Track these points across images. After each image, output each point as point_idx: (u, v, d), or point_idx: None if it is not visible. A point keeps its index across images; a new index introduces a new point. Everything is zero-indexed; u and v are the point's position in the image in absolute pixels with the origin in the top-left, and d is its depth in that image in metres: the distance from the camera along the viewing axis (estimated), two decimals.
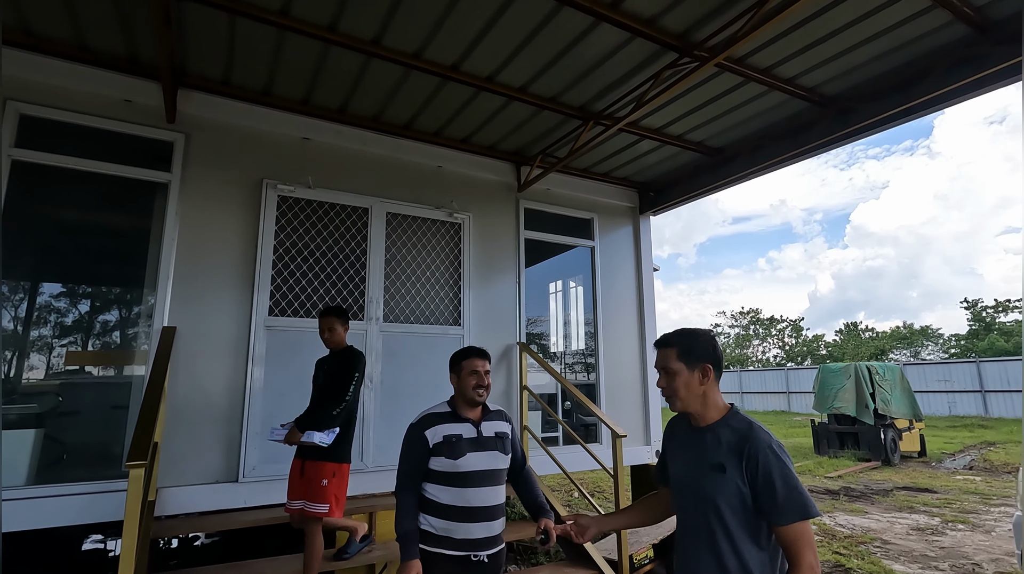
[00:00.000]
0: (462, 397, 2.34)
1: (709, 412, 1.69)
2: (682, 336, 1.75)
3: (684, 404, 1.70)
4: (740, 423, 1.66)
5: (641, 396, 5.74)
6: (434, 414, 2.32)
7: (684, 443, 1.77)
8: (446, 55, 3.68)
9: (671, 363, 1.70)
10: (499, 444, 2.32)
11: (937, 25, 3.38)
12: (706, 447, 1.65)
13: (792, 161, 4.76)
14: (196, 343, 3.72)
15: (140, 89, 3.78)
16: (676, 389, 1.70)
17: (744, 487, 1.55)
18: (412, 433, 2.29)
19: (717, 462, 1.60)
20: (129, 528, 2.27)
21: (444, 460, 2.20)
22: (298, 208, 4.23)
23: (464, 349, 2.40)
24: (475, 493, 2.22)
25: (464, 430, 2.28)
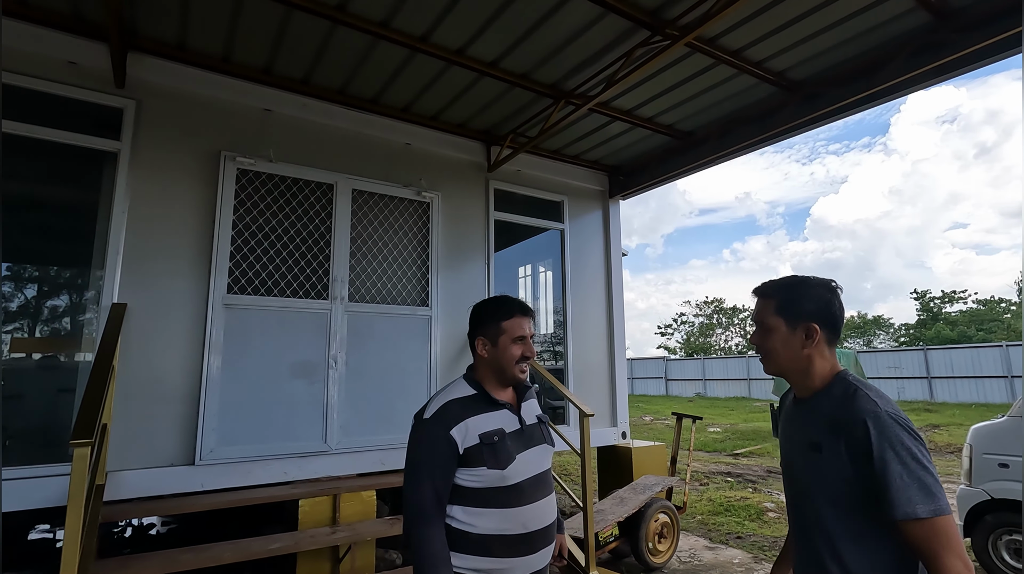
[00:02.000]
0: (497, 374, 1.66)
1: (812, 380, 1.37)
2: (786, 287, 1.41)
3: (778, 367, 1.40)
4: (842, 389, 1.31)
5: (608, 380, 5.79)
6: (457, 400, 1.59)
7: (788, 417, 1.47)
8: (415, 25, 3.57)
9: (767, 317, 1.40)
10: (545, 433, 1.73)
11: (900, 11, 3.44)
12: (805, 422, 1.36)
13: (760, 145, 4.82)
14: (149, 321, 3.55)
15: (86, 50, 3.54)
16: (770, 348, 1.39)
17: (847, 471, 1.21)
18: (428, 432, 1.53)
19: (814, 440, 1.30)
20: (74, 509, 2.14)
21: (486, 471, 1.51)
22: (259, 182, 4.06)
23: (500, 300, 1.72)
24: (532, 511, 1.57)
25: (505, 421, 1.61)
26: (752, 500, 6.63)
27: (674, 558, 4.69)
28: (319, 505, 3.61)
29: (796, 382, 1.41)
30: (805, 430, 1.35)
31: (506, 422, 1.61)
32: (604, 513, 4.24)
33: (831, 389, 1.34)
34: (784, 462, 1.47)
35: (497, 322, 1.66)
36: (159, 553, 2.99)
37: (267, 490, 3.62)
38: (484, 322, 1.69)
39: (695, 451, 10.66)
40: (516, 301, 1.71)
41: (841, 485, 1.23)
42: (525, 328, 1.67)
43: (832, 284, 1.40)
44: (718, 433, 13.17)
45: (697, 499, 6.77)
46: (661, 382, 30.13)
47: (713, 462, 9.60)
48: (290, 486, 3.72)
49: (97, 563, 2.78)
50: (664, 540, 4.55)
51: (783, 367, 1.40)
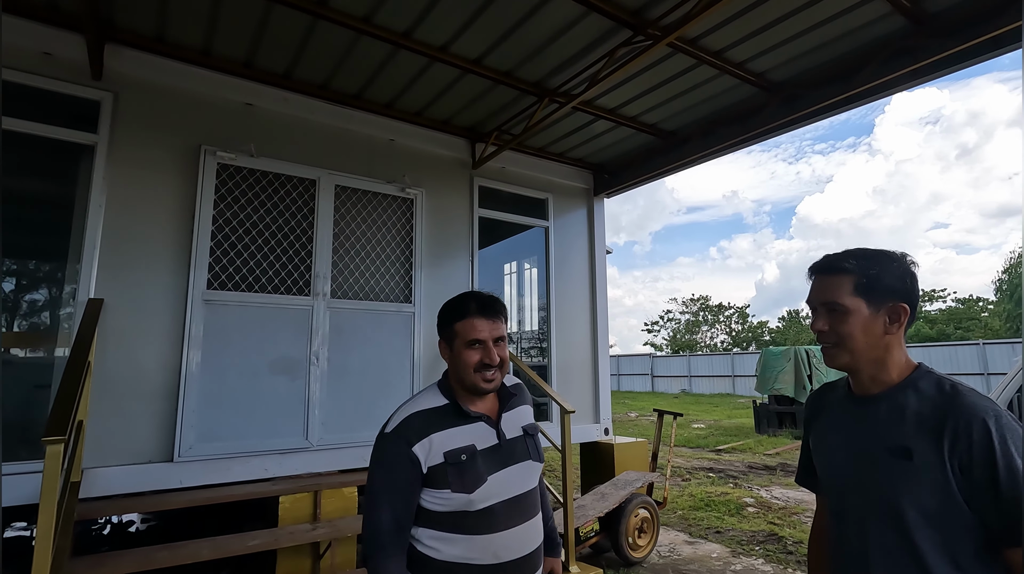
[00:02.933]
0: (460, 383, 1.47)
1: (888, 373, 1.17)
2: (866, 260, 1.17)
3: (854, 359, 1.17)
4: (935, 385, 1.13)
5: (592, 376, 5.82)
6: (422, 413, 1.41)
7: (841, 421, 1.25)
8: (397, 21, 3.55)
9: (843, 298, 1.16)
10: (531, 447, 1.50)
11: (877, 16, 3.50)
12: (879, 423, 1.15)
13: (741, 145, 4.88)
14: (127, 317, 3.51)
15: (61, 41, 3.48)
16: (847, 334, 1.15)
17: (948, 481, 1.02)
18: (388, 450, 1.37)
19: (898, 445, 1.09)
20: (46, 507, 2.13)
21: (450, 495, 1.34)
22: (240, 177, 4.03)
23: (458, 298, 1.50)
24: (506, 539, 1.37)
25: (476, 436, 1.42)
26: (732, 495, 6.73)
27: (654, 552, 4.76)
28: (300, 502, 3.60)
29: (867, 375, 1.19)
30: (878, 433, 1.14)
31: (479, 437, 1.42)
32: (585, 508, 4.28)
33: (915, 383, 1.14)
34: (834, 473, 1.23)
35: (451, 324, 1.47)
36: (135, 550, 2.96)
37: (247, 487, 3.61)
38: (441, 323, 1.51)
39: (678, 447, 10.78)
40: (475, 298, 1.48)
41: (940, 497, 1.03)
42: (481, 330, 1.42)
43: (910, 258, 1.20)
44: (702, 429, 13.32)
45: (679, 494, 6.85)
46: (647, 378, 30.38)
47: (696, 458, 9.71)
48: (271, 483, 3.71)
49: (71, 561, 2.75)
50: (644, 535, 4.61)
51: (858, 358, 1.17)
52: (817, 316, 1.22)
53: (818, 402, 1.38)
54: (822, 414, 1.33)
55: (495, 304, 1.49)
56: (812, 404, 1.39)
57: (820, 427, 1.32)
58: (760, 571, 4.40)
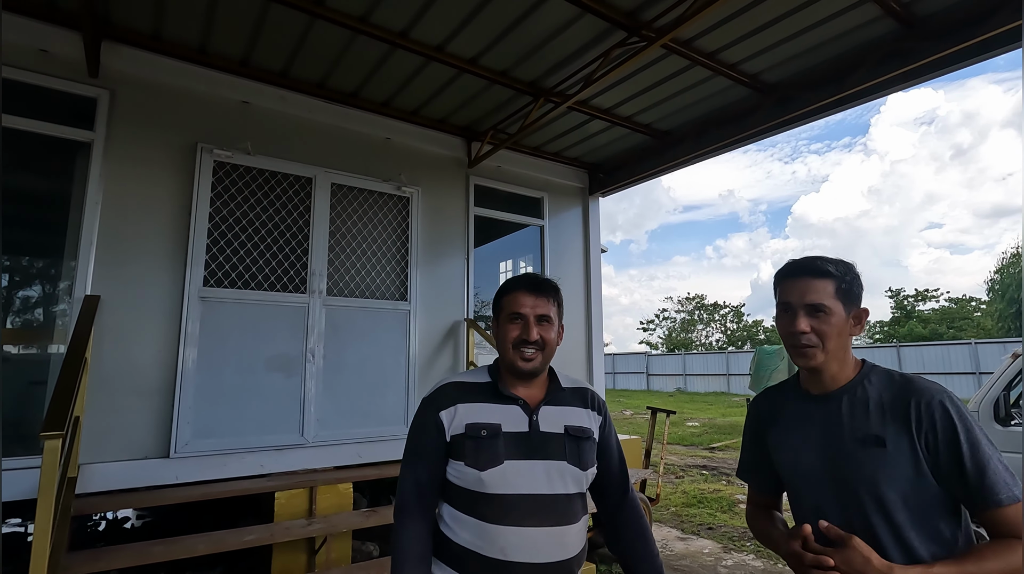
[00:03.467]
0: (502, 361, 1.46)
1: (845, 370, 1.28)
2: (841, 265, 1.28)
3: (827, 359, 1.25)
4: (886, 376, 1.24)
5: (586, 374, 5.86)
6: (460, 383, 1.43)
7: (801, 420, 1.32)
8: (394, 21, 3.57)
9: (827, 299, 1.23)
10: (571, 450, 1.38)
11: (868, 19, 3.54)
12: (844, 417, 1.23)
13: (735, 146, 4.92)
14: (123, 314, 3.53)
15: (58, 39, 3.49)
16: (827, 335, 1.23)
17: (920, 460, 1.13)
18: (419, 414, 1.42)
19: (869, 434, 1.18)
20: (44, 502, 2.15)
21: (463, 468, 1.32)
22: (236, 175, 4.04)
23: (510, 278, 1.50)
24: (517, 537, 1.29)
25: (507, 417, 1.37)
26: (725, 492, 6.79)
27: None
28: (295, 498, 3.63)
29: (830, 374, 1.27)
30: (846, 427, 1.22)
31: (509, 419, 1.37)
32: None
33: (868, 377, 1.25)
34: (805, 470, 1.28)
35: (499, 299, 1.49)
36: (131, 545, 2.99)
37: (243, 483, 3.63)
38: (494, 301, 1.52)
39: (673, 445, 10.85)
40: (526, 276, 1.48)
41: (914, 477, 1.13)
42: (524, 304, 1.41)
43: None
44: (696, 427, 13.40)
45: (672, 491, 6.91)
46: (642, 377, 30.47)
47: (690, 455, 9.78)
48: (266, 479, 3.73)
49: (68, 555, 2.78)
50: None
51: (830, 358, 1.25)
52: (798, 317, 1.25)
53: (769, 405, 1.45)
54: (778, 416, 1.39)
55: (544, 282, 1.47)
56: (762, 407, 1.46)
57: (779, 428, 1.37)
58: (750, 566, 4.46)
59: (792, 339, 1.26)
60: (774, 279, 1.36)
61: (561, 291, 1.52)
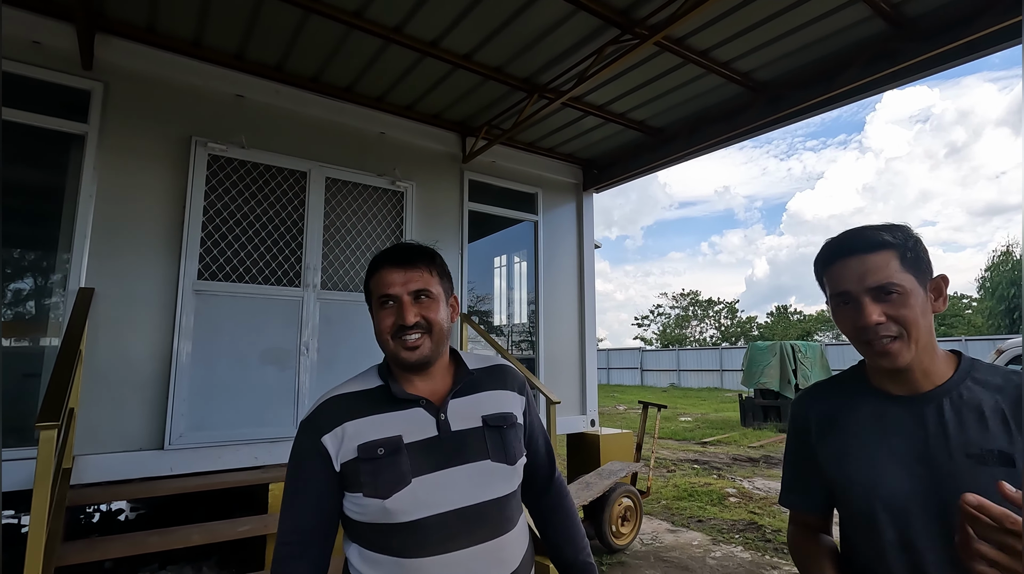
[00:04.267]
0: (387, 356, 1.19)
1: (938, 363, 0.99)
2: (897, 229, 0.99)
3: (917, 352, 0.96)
4: (1003, 374, 0.97)
5: (579, 369, 5.92)
6: (344, 396, 1.15)
7: (878, 428, 1.01)
8: (389, 15, 3.59)
9: (896, 276, 0.95)
10: (494, 444, 1.15)
11: (858, 19, 3.58)
12: (948, 427, 0.94)
13: (727, 143, 4.96)
14: (117, 306, 3.54)
15: (51, 30, 3.48)
16: (912, 321, 0.94)
17: None
18: (297, 440, 1.13)
19: (990, 449, 0.90)
20: (40, 491, 2.18)
21: (363, 501, 1.06)
22: (230, 168, 4.05)
23: (374, 257, 1.21)
24: (443, 568, 1.05)
25: (408, 425, 1.12)
26: (715, 486, 6.88)
27: (636, 540, 4.87)
28: None
29: (920, 370, 0.98)
30: (953, 439, 0.93)
31: (411, 427, 1.11)
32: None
33: (971, 374, 0.98)
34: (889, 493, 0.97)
35: (367, 283, 1.20)
36: (126, 536, 3.02)
37: (237, 474, 3.66)
38: (364, 284, 1.22)
39: (665, 440, 10.95)
40: (393, 248, 1.19)
41: None
42: (392, 283, 1.13)
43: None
44: (688, 422, 13.51)
45: (663, 485, 6.99)
46: (636, 372, 30.62)
47: (682, 450, 9.88)
48: (261, 471, 3.77)
49: (63, 545, 2.80)
50: (627, 523, 4.72)
51: (920, 350, 0.96)
52: (864, 306, 0.96)
53: (823, 406, 1.11)
54: (840, 419, 1.06)
55: (414, 250, 1.18)
56: (814, 408, 1.12)
57: (844, 436, 1.05)
58: (739, 558, 4.53)
59: (864, 335, 0.97)
60: (816, 267, 1.06)
61: (441, 256, 1.23)
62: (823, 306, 5.43)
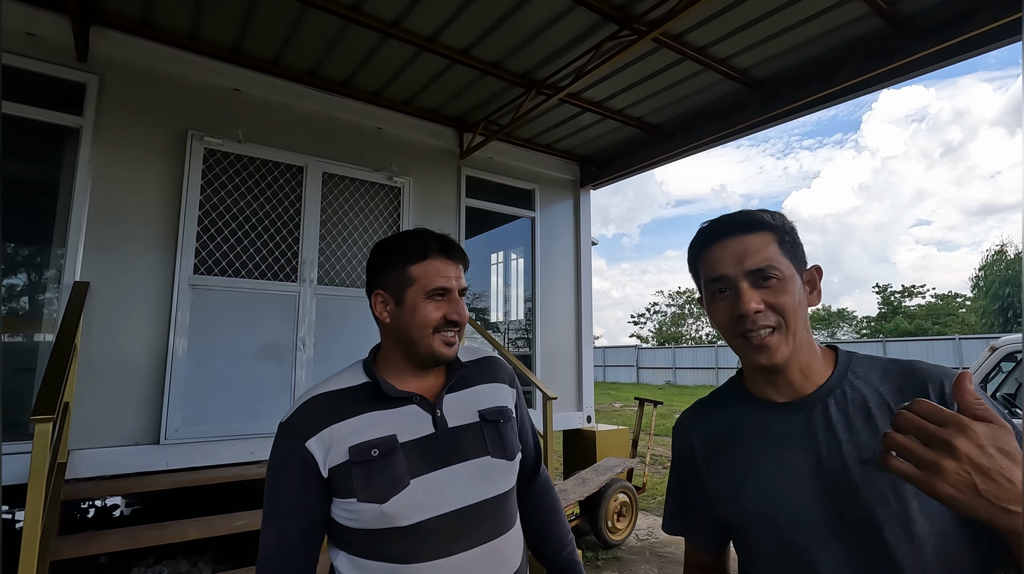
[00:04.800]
0: (405, 350, 1.11)
1: (817, 361, 0.89)
2: (778, 215, 0.91)
3: (794, 347, 0.85)
4: (879, 365, 0.88)
5: (576, 366, 5.93)
6: (329, 394, 1.07)
7: (765, 444, 0.89)
8: (386, 10, 3.57)
9: (775, 258, 0.85)
10: (492, 439, 1.10)
11: (855, 16, 3.59)
12: (836, 431, 0.83)
13: (725, 140, 4.97)
14: (112, 300, 3.53)
15: (46, 22, 3.46)
16: (790, 311, 0.84)
17: None
18: (278, 445, 1.05)
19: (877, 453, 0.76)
20: (35, 485, 2.17)
21: (357, 506, 0.99)
22: (227, 163, 4.04)
23: (408, 236, 1.13)
24: (446, 572, 1.00)
25: (402, 423, 1.06)
26: None
27: (632, 536, 4.89)
28: None
29: (799, 369, 0.88)
30: (839, 444, 0.82)
31: (406, 425, 1.05)
32: (566, 493, 4.39)
33: (850, 368, 0.89)
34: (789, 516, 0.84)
35: (402, 266, 1.09)
36: (121, 530, 3.01)
37: (233, 469, 3.65)
38: (383, 268, 1.12)
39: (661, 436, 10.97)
40: (435, 234, 1.13)
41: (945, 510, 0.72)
42: (448, 276, 1.08)
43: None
44: None
45: (659, 482, 7.01)
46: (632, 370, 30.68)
47: None
48: (257, 466, 3.75)
49: (58, 540, 2.79)
50: (623, 519, 4.74)
51: (797, 345, 0.86)
52: (742, 292, 0.85)
53: (707, 426, 0.99)
54: (723, 444, 0.94)
55: (457, 246, 1.15)
56: (697, 430, 1.00)
57: (732, 458, 0.92)
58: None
59: (740, 326, 0.86)
60: (690, 253, 0.96)
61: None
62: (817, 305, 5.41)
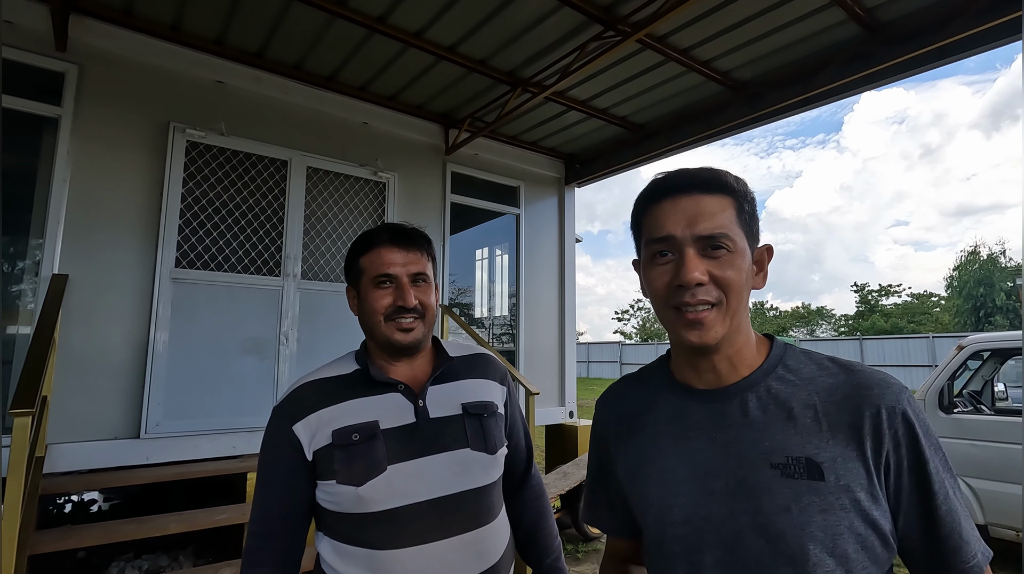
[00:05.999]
0: (371, 339, 1.18)
1: (749, 348, 0.81)
2: (742, 181, 0.80)
3: (730, 329, 0.76)
4: (812, 362, 0.79)
5: (559, 361, 5.99)
6: (319, 382, 1.13)
7: (674, 432, 0.82)
8: (373, 5, 3.57)
9: (730, 227, 0.75)
10: (473, 432, 1.13)
11: (833, 22, 3.67)
12: (752, 428, 0.75)
13: (706, 141, 5.05)
14: (92, 293, 3.49)
15: (23, 10, 3.40)
16: (734, 287, 0.75)
17: (879, 503, 0.70)
18: (269, 428, 1.11)
19: (797, 457, 0.71)
20: (14, 479, 2.16)
21: (336, 488, 1.04)
22: (209, 156, 4.00)
23: (367, 231, 1.21)
24: (420, 559, 1.03)
25: (385, 410, 1.10)
26: None
27: None
28: None
29: (727, 355, 0.79)
30: (757, 444, 0.74)
31: (388, 412, 1.09)
32: (548, 486, 4.45)
33: (782, 362, 0.80)
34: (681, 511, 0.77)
35: (356, 259, 1.17)
36: (101, 524, 3.00)
37: (215, 463, 3.65)
38: (347, 263, 1.21)
39: None
40: (389, 227, 1.18)
41: (863, 529, 0.69)
42: (392, 263, 1.12)
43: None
44: None
45: None
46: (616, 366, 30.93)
47: None
48: (239, 460, 3.75)
49: (37, 534, 2.78)
50: None
51: (733, 327, 0.77)
52: (687, 259, 0.74)
53: (624, 405, 0.92)
54: (638, 423, 0.87)
55: (412, 232, 1.19)
56: (615, 409, 0.94)
57: (639, 442, 0.86)
58: None
59: (677, 297, 0.75)
60: (635, 208, 0.85)
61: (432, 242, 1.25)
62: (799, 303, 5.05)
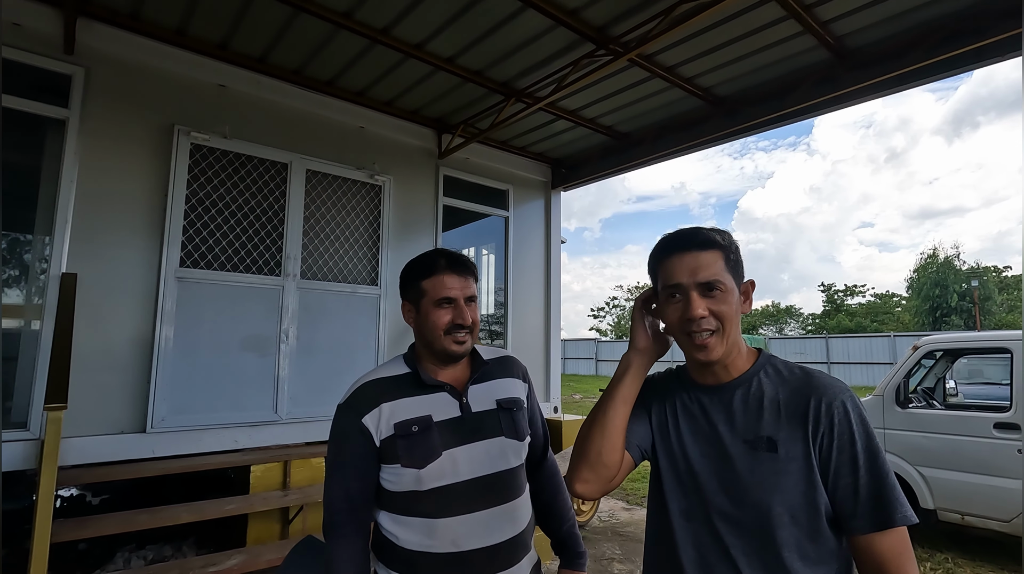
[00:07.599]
0: (427, 348, 1.39)
1: (740, 357, 1.13)
2: (725, 235, 1.12)
3: (727, 348, 1.08)
4: (784, 369, 1.11)
5: (544, 359, 6.24)
6: (378, 381, 1.36)
7: (688, 411, 1.16)
8: (378, 18, 3.73)
9: (721, 275, 1.07)
10: (506, 423, 1.39)
11: (805, 48, 3.98)
12: (735, 414, 1.08)
13: (687, 151, 5.34)
14: (99, 291, 3.58)
15: (32, 13, 3.46)
16: (729, 318, 1.06)
17: (813, 469, 0.98)
18: (339, 420, 1.34)
19: (760, 436, 1.03)
20: (47, 470, 2.32)
21: (401, 470, 1.27)
22: (213, 158, 4.11)
23: (425, 257, 1.43)
24: (467, 525, 1.28)
25: (436, 406, 1.34)
26: None
27: (595, 518, 5.25)
28: (270, 470, 3.82)
29: (723, 363, 1.11)
30: (736, 426, 1.07)
31: (438, 408, 1.33)
32: None
33: (764, 368, 1.11)
34: (687, 469, 1.11)
35: (417, 282, 1.38)
36: (116, 514, 3.13)
37: (219, 457, 3.78)
38: (406, 283, 1.42)
39: None
40: (444, 254, 1.41)
41: (805, 489, 0.98)
42: (452, 288, 1.35)
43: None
44: None
45: None
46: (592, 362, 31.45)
47: None
48: (241, 453, 3.90)
49: (56, 523, 2.89)
50: (587, 502, 5.09)
51: (729, 346, 1.08)
52: (692, 300, 1.06)
53: (662, 385, 1.25)
54: (667, 400, 1.21)
55: (466, 261, 1.41)
56: (657, 384, 1.26)
57: (665, 411, 1.19)
58: None
59: (687, 327, 1.07)
60: (651, 260, 1.17)
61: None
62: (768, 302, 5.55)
